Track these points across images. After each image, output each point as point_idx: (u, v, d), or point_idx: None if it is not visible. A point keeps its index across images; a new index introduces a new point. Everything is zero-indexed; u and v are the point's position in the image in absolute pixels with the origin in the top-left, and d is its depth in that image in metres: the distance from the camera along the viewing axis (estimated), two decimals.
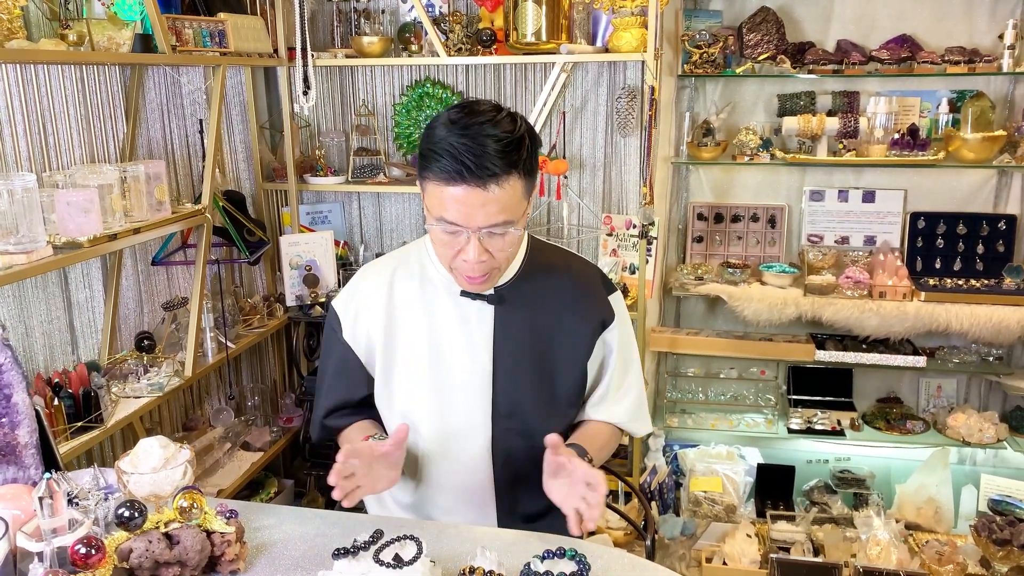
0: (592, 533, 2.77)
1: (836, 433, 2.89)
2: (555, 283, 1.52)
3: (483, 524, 1.51)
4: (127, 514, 1.19)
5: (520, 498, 1.53)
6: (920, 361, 2.80)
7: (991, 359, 2.85)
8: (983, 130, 2.64)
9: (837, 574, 2.50)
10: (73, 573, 1.12)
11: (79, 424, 1.89)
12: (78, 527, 1.27)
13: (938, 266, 2.88)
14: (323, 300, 2.81)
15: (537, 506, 1.55)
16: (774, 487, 3.01)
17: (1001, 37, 2.63)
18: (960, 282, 2.78)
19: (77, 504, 1.40)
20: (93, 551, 1.13)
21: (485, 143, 1.27)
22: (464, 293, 1.46)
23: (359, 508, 1.68)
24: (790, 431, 2.92)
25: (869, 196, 2.93)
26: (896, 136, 2.70)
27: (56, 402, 1.88)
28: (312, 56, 2.79)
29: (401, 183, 2.89)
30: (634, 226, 2.78)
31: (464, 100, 1.40)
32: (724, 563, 2.64)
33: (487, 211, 1.29)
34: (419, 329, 1.49)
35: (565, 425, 1.56)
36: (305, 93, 2.80)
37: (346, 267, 2.97)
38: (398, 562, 1.18)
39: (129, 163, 2.19)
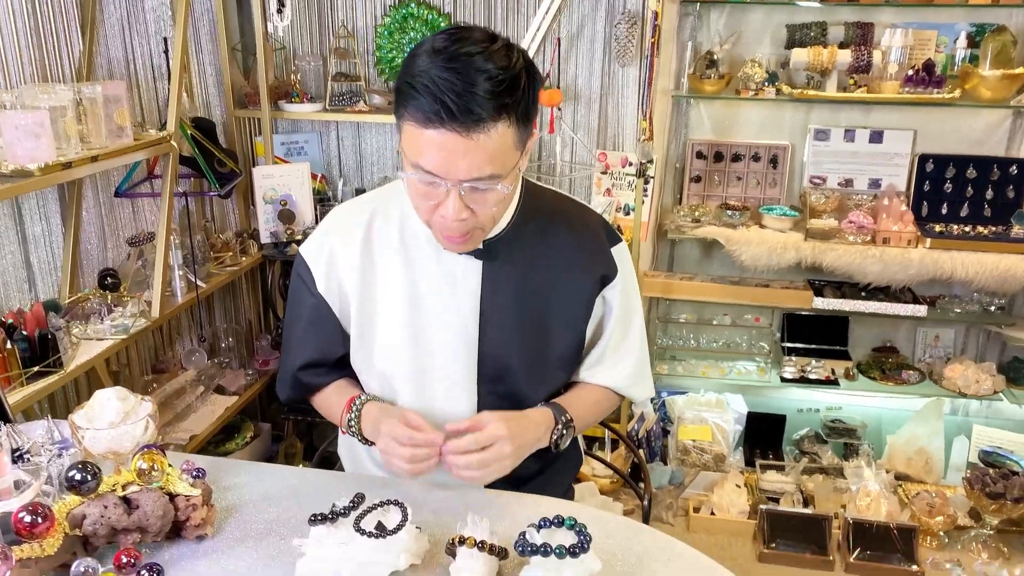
0: (578, 480, 2.70)
1: (830, 383, 2.82)
2: (552, 235, 1.37)
3: (469, 489, 1.40)
4: (78, 477, 1.07)
5: None
6: (921, 310, 2.71)
7: (993, 308, 2.77)
8: (1003, 67, 2.49)
9: (827, 526, 2.46)
10: (16, 543, 1.00)
11: (35, 369, 1.75)
12: (26, 489, 1.15)
13: (944, 211, 2.76)
14: (299, 238, 2.66)
15: (526, 470, 1.44)
16: (764, 436, 2.96)
17: None
18: (967, 228, 2.68)
19: (28, 460, 1.28)
20: (39, 519, 1.01)
21: (473, 80, 1.08)
22: None
23: (339, 467, 1.58)
24: (783, 380, 2.84)
25: (877, 136, 2.79)
26: (910, 72, 2.55)
27: (9, 345, 1.73)
28: None
29: (382, 112, 2.71)
30: (630, 164, 2.64)
31: (453, 25, 1.20)
32: (712, 513, 2.59)
33: (470, 162, 1.11)
34: (398, 283, 1.34)
35: (555, 389, 1.44)
36: (279, 12, 2.58)
37: (324, 202, 2.80)
38: (381, 531, 1.08)
39: (85, 83, 2.00)
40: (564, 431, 1.34)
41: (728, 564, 1.13)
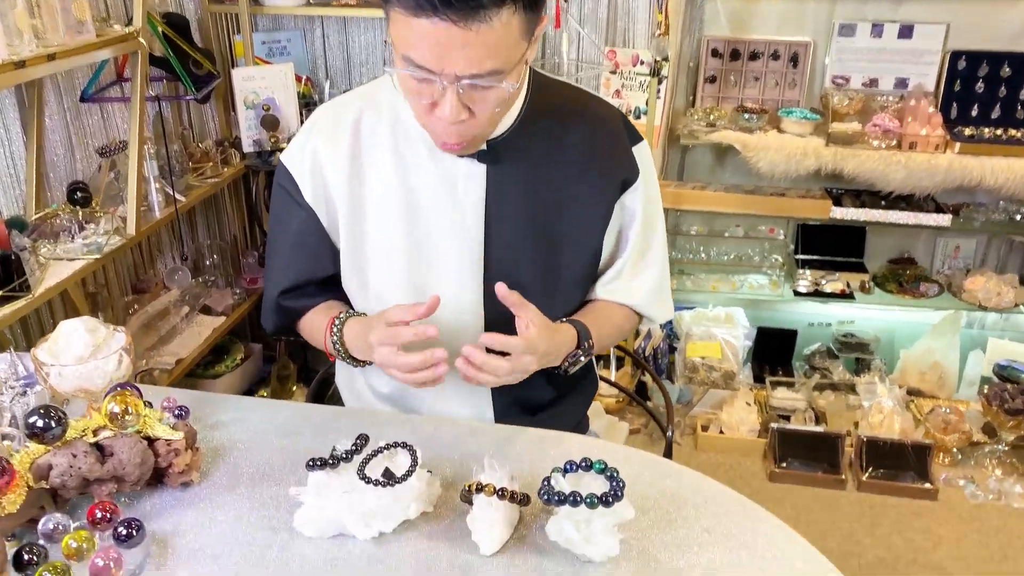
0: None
1: (845, 296, 2.71)
2: (565, 133, 1.20)
3: (478, 420, 1.28)
4: (40, 424, 0.94)
5: (520, 390, 1.29)
6: (944, 220, 2.57)
7: (1019, 218, 2.63)
8: None
9: (839, 444, 2.40)
10: None
11: (0, 293, 1.60)
12: None
13: (975, 113, 2.58)
14: (284, 146, 2.46)
15: (539, 397, 1.33)
16: (773, 352, 2.87)
17: None
18: (999, 132, 2.51)
19: None
20: None
21: None
22: None
23: (336, 400, 1.46)
24: (796, 294, 2.73)
25: (906, 31, 2.57)
26: None
27: None
28: None
29: (372, 5, 2.47)
30: (642, 62, 2.43)
31: None
32: (721, 432, 2.51)
33: (468, 55, 0.94)
34: (391, 190, 1.18)
35: (570, 308, 1.30)
36: None
37: (309, 107, 2.59)
38: (388, 478, 0.96)
39: None
40: (581, 358, 1.22)
41: (738, 484, 1.04)
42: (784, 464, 2.37)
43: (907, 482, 2.31)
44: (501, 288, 1.10)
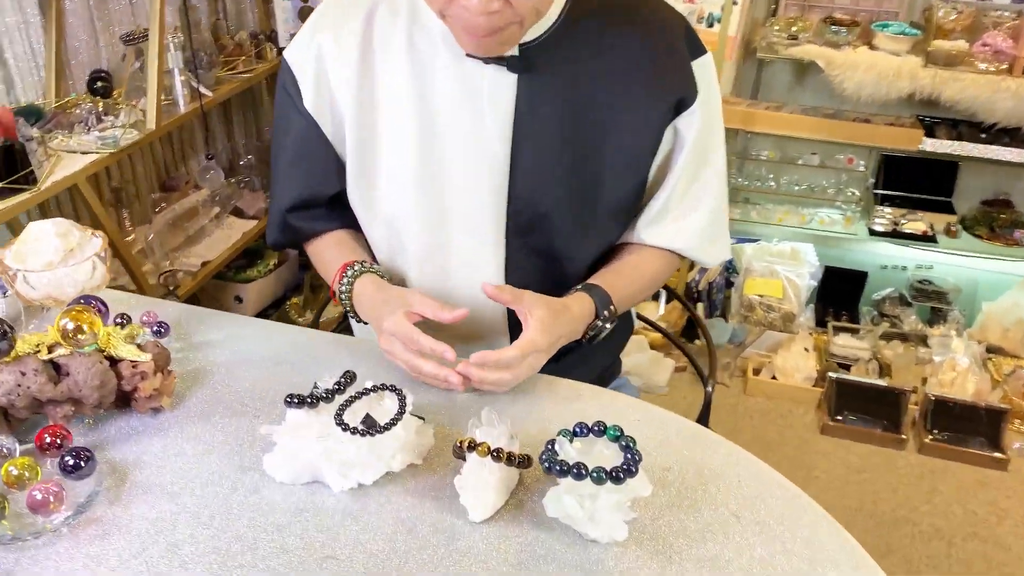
0: None
1: (926, 239, 2.45)
2: (613, 39, 1.00)
3: None
4: None
5: None
6: None
7: None
8: None
9: (903, 401, 2.20)
10: None
11: (1, 185, 1.51)
12: None
13: None
14: None
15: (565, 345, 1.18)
16: (840, 294, 2.64)
17: None
18: None
19: None
20: None
21: None
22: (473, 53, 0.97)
23: (345, 330, 1.34)
24: (872, 233, 2.48)
25: None
26: None
27: None
28: None
29: None
30: None
31: None
32: (774, 378, 2.33)
33: None
34: (405, 99, 1.01)
35: (603, 248, 1.13)
36: None
37: None
38: (369, 427, 0.83)
39: None
40: (604, 327, 1.06)
41: (787, 434, 0.88)
42: (839, 417, 2.19)
43: (975, 448, 2.12)
44: (488, 289, 0.97)
